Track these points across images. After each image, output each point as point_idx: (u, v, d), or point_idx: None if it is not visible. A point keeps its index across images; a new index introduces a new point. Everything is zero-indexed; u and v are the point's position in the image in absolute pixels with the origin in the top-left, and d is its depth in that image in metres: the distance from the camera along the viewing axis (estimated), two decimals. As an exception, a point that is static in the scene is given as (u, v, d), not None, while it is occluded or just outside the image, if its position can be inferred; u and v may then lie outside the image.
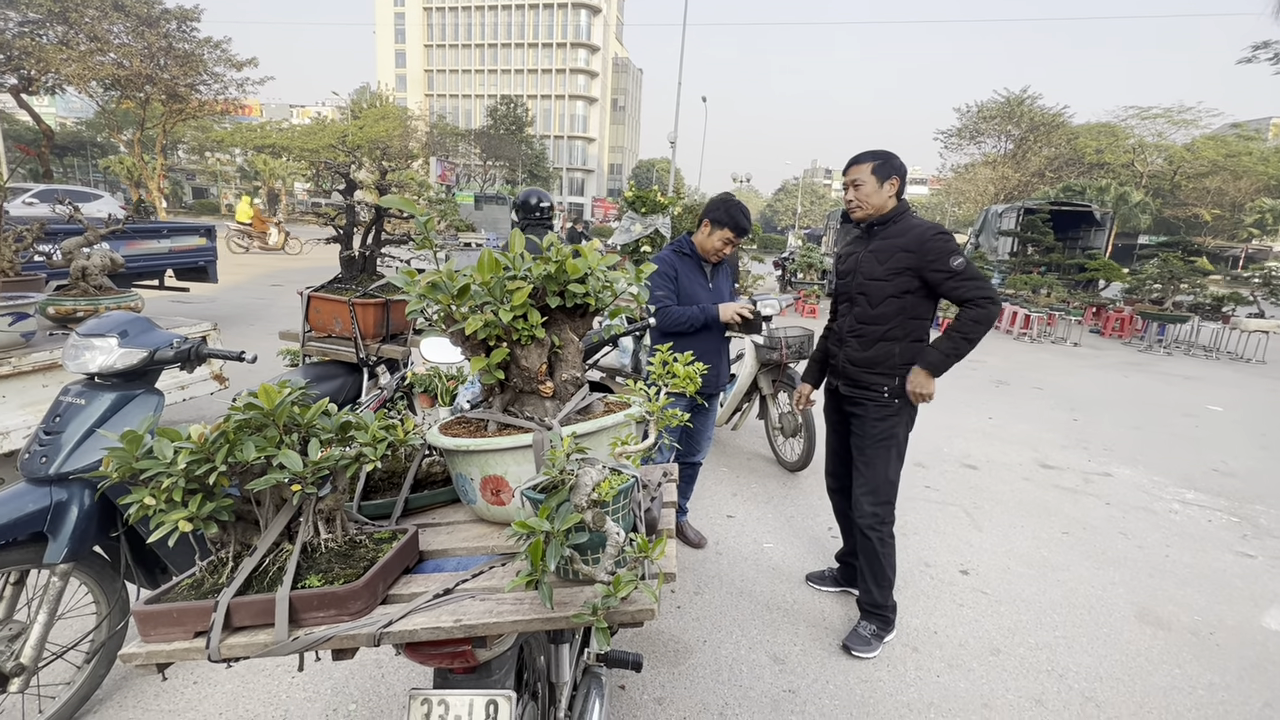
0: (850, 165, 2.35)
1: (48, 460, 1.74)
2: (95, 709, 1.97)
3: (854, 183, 2.32)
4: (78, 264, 3.41)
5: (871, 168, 2.29)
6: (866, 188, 2.30)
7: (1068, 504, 4.01)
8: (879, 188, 2.28)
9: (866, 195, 2.30)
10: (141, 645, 1.01)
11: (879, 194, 2.29)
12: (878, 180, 2.28)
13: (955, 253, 2.20)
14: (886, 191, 2.29)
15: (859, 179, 2.31)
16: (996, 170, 34.11)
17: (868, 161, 2.30)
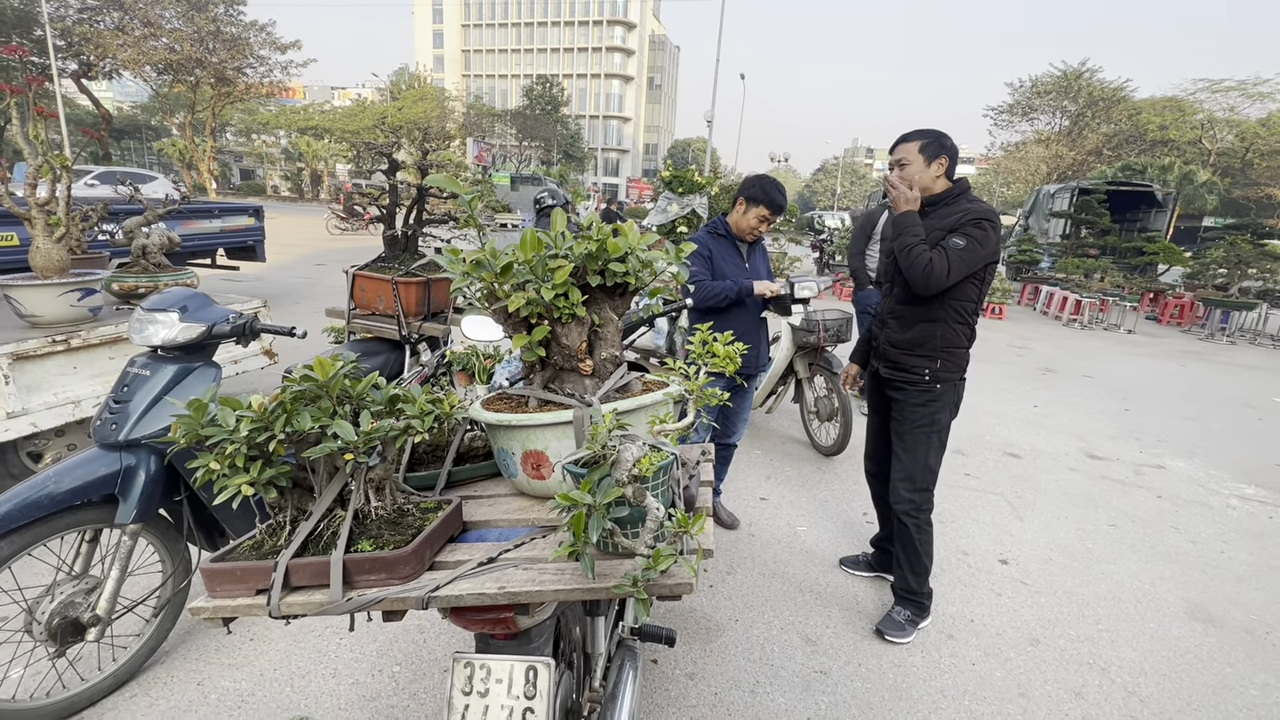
0: (897, 144, 2.28)
1: (117, 427, 1.85)
2: (162, 660, 2.11)
3: (900, 162, 2.24)
4: (138, 242, 3.57)
5: (919, 146, 2.21)
6: (913, 167, 2.22)
7: (1116, 496, 3.88)
8: (925, 167, 2.20)
9: (912, 175, 2.23)
10: (208, 600, 1.07)
11: (925, 174, 2.21)
12: (925, 159, 2.20)
13: (965, 235, 2.11)
14: (934, 171, 2.21)
15: (905, 158, 2.23)
16: (1050, 148, 32.54)
17: (915, 140, 2.22)
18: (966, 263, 2.10)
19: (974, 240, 2.10)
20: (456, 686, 1.23)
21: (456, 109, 40.91)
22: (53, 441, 2.94)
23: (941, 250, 2.10)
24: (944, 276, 2.08)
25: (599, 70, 62.65)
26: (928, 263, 2.08)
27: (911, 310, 2.28)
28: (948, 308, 2.21)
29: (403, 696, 2.01)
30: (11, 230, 4.95)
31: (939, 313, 2.23)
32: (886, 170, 2.33)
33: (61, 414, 2.76)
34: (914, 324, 2.27)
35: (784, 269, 10.66)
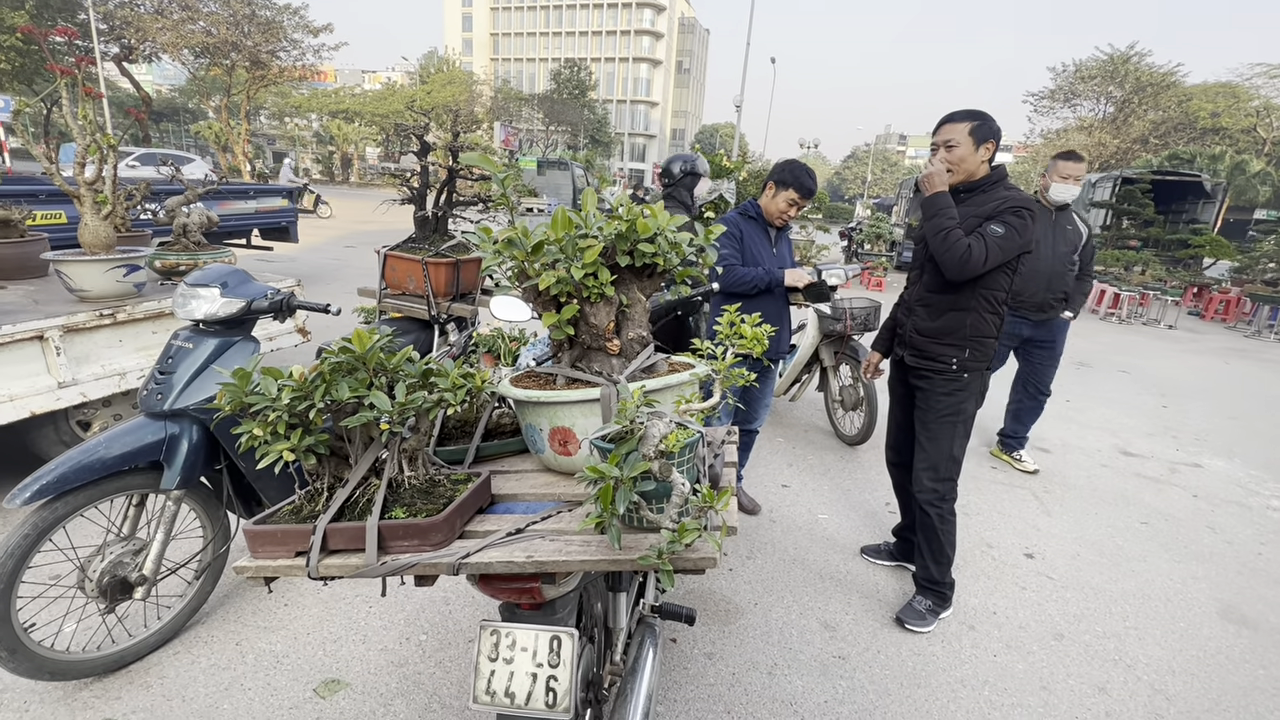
0: (943, 124, 2.18)
1: (162, 397, 1.93)
2: (202, 620, 2.21)
3: (947, 143, 2.16)
4: (179, 221, 3.68)
5: (969, 128, 2.12)
6: (961, 149, 2.13)
7: (1149, 494, 3.78)
8: (974, 150, 2.14)
9: (960, 158, 2.14)
10: (251, 560, 1.12)
11: (973, 157, 2.14)
12: (974, 142, 2.13)
13: (1004, 223, 2.05)
14: (981, 155, 2.15)
15: (953, 139, 2.14)
16: (1092, 136, 31.36)
17: (965, 121, 2.13)
18: (1004, 250, 2.06)
19: (1013, 229, 2.05)
20: (483, 653, 1.27)
21: (484, 93, 41.01)
22: (100, 411, 3.06)
23: (979, 236, 2.06)
24: (981, 263, 2.04)
25: (627, 54, 62.09)
26: (965, 249, 2.04)
27: (941, 298, 2.24)
28: (979, 296, 2.17)
29: (429, 664, 2.07)
30: (59, 209, 5.14)
31: (970, 301, 2.19)
32: (929, 154, 2.27)
33: (108, 385, 2.87)
34: (943, 312, 2.24)
35: (811, 257, 10.52)
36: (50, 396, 2.66)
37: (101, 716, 1.80)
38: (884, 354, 2.66)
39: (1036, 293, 3.58)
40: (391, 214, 15.58)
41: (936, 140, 2.22)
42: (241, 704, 1.87)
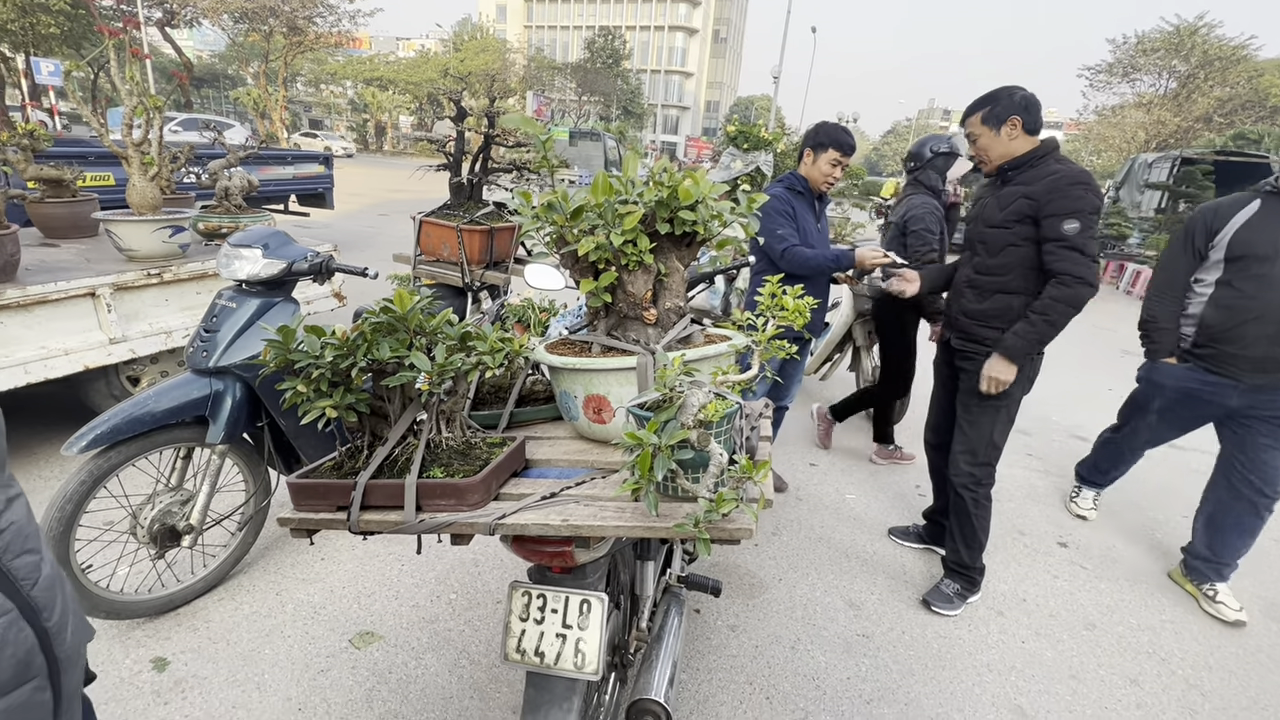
0: (964, 117, 2.20)
1: (208, 354, 1.98)
2: (245, 570, 2.30)
3: (970, 136, 2.18)
4: (221, 184, 3.75)
5: (981, 116, 2.12)
6: (983, 139, 2.14)
7: (1194, 487, 3.62)
8: (995, 136, 2.10)
9: (985, 147, 2.14)
10: (294, 513, 1.15)
11: (997, 143, 2.11)
12: (991, 129, 2.10)
13: (1078, 214, 1.93)
14: (1007, 134, 2.08)
15: (973, 132, 2.16)
16: (1151, 113, 29.69)
17: (977, 111, 2.14)
18: (1093, 237, 1.97)
19: (1077, 215, 1.94)
20: (514, 613, 1.30)
21: (517, 61, 40.60)
22: (148, 368, 3.18)
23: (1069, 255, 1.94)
24: (1093, 275, 1.97)
25: (663, 22, 60.62)
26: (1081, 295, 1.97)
27: (991, 280, 2.16)
28: (1031, 276, 2.09)
29: (458, 622, 2.13)
30: (108, 171, 5.28)
31: (1021, 284, 2.10)
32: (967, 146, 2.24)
33: (155, 342, 2.97)
34: (991, 294, 2.16)
35: (846, 234, 10.26)
36: (102, 351, 2.76)
37: (152, 654, 1.90)
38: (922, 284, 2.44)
39: (1258, 342, 2.26)
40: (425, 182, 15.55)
41: (966, 133, 2.22)
42: (282, 650, 1.96)
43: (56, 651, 0.64)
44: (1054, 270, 1.99)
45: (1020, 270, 2.09)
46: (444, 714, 1.78)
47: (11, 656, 0.58)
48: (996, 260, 2.13)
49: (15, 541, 0.62)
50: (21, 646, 0.59)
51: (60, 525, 1.75)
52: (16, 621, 0.59)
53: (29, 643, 0.60)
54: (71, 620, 0.68)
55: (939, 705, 1.95)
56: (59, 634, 0.64)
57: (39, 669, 0.61)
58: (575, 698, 1.28)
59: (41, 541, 0.67)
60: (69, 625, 0.67)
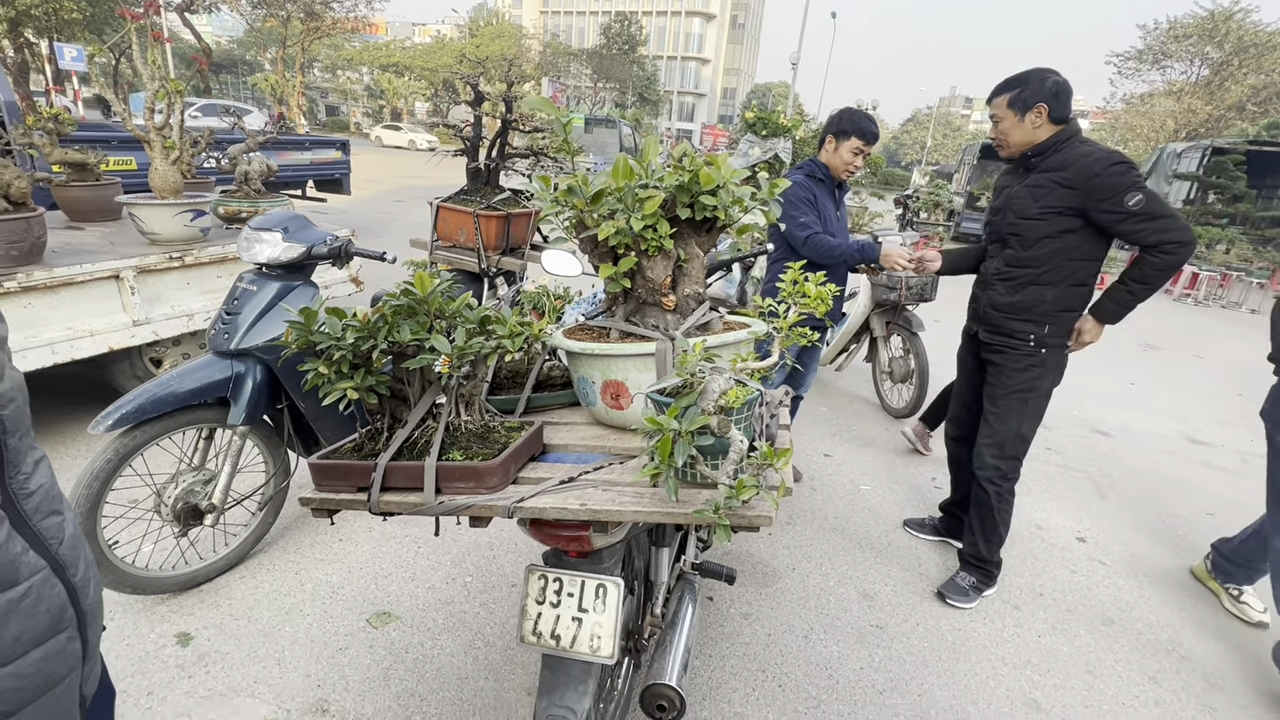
0: (990, 97, 2.14)
1: (229, 337, 2.00)
2: (265, 549, 2.34)
3: (995, 117, 2.12)
4: (241, 169, 3.77)
5: (1007, 100, 2.05)
6: (1005, 123, 2.08)
7: (1218, 484, 3.59)
8: (1018, 121, 2.05)
9: (1005, 132, 2.09)
10: (315, 493, 1.16)
11: (1019, 129, 2.05)
12: (1015, 114, 2.04)
13: (1132, 188, 1.90)
14: (1030, 123, 2.02)
15: (996, 114, 2.11)
16: (1181, 102, 28.85)
17: (1003, 93, 2.07)
18: (1160, 201, 1.93)
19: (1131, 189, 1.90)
20: (531, 596, 1.31)
21: (533, 47, 40.39)
22: (170, 350, 3.23)
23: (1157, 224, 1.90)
24: (1186, 230, 1.93)
25: (680, 7, 59.86)
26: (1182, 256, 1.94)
27: (1024, 273, 2.10)
28: (1067, 268, 2.04)
29: (473, 604, 2.15)
30: (130, 155, 5.34)
31: (1055, 275, 2.06)
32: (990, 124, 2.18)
33: (178, 325, 3.01)
34: (1024, 287, 2.11)
35: (864, 224, 10.14)
36: (126, 333, 2.81)
37: (176, 629, 1.95)
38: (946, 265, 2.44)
39: None
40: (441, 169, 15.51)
41: (990, 115, 2.17)
42: (301, 628, 1.99)
43: (82, 604, 0.69)
44: (1149, 243, 1.93)
45: (1056, 261, 2.05)
46: (459, 694, 1.80)
47: (47, 611, 0.63)
48: (1030, 253, 2.08)
49: (44, 503, 0.66)
50: (55, 601, 0.64)
51: (88, 502, 1.79)
52: (49, 578, 0.64)
53: (61, 597, 0.65)
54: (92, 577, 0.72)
55: (953, 697, 1.95)
56: (84, 589, 0.69)
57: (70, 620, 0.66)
58: (590, 680, 1.29)
59: (64, 502, 0.71)
60: (91, 581, 0.72)
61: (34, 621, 0.61)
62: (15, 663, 0.59)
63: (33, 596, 0.61)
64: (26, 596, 0.60)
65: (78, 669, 0.67)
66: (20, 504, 0.63)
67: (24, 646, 0.60)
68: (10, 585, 0.59)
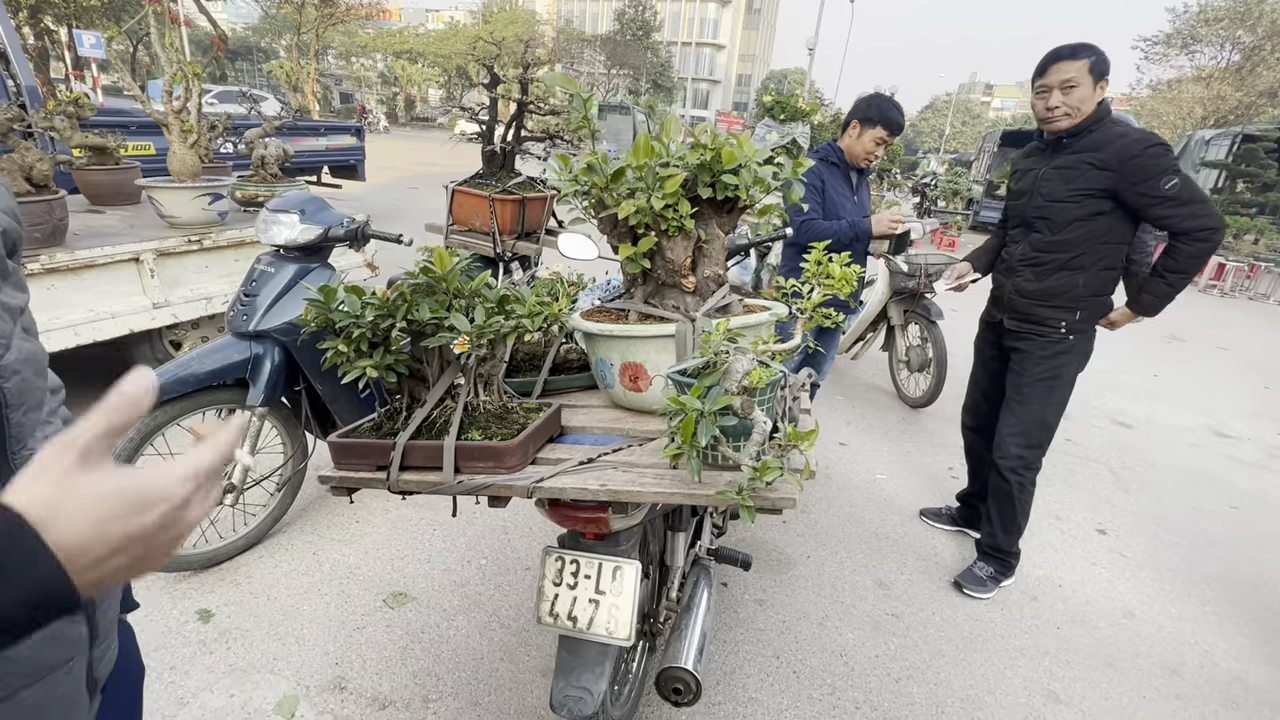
0: (1058, 61, 1.94)
1: (248, 318, 2.01)
2: (283, 530, 2.37)
3: (1067, 84, 1.92)
4: (258, 153, 3.79)
5: (1089, 64, 1.89)
6: (1082, 89, 1.90)
7: (1243, 478, 3.52)
8: (1093, 90, 1.91)
9: (1080, 100, 1.91)
10: (335, 471, 1.16)
11: (1092, 98, 1.92)
12: (1094, 80, 1.90)
13: (1168, 171, 1.84)
14: (1097, 95, 1.93)
15: (1074, 79, 1.90)
16: (1210, 88, 28.06)
17: (1085, 57, 1.90)
18: (1194, 184, 1.88)
19: (1168, 172, 1.85)
20: (548, 577, 1.31)
21: (546, 33, 40.12)
22: (189, 333, 3.26)
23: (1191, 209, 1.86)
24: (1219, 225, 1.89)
25: (695, -9, 59.08)
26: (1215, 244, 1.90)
27: (1054, 258, 2.04)
28: (1098, 252, 1.99)
29: (489, 586, 2.17)
30: (149, 140, 5.38)
31: (1085, 259, 2.00)
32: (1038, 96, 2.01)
33: (196, 308, 3.04)
34: (1054, 272, 2.05)
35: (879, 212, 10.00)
36: (146, 316, 2.83)
37: (198, 606, 1.97)
38: (979, 271, 2.39)
39: None
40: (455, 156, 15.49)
41: (1048, 82, 1.96)
42: (319, 607, 2.02)
43: None
44: (1181, 229, 1.88)
45: (1088, 245, 1.99)
46: (475, 674, 1.81)
47: None
48: (1060, 236, 2.02)
49: None
50: None
51: (111, 480, 1.81)
52: None
53: None
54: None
55: (970, 686, 1.93)
56: None
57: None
58: (607, 662, 1.29)
59: None
60: None
61: None
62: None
63: None
64: None
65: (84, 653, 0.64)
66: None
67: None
68: None
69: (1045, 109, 1.99)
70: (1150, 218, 1.92)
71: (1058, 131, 2.00)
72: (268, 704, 1.67)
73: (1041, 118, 2.02)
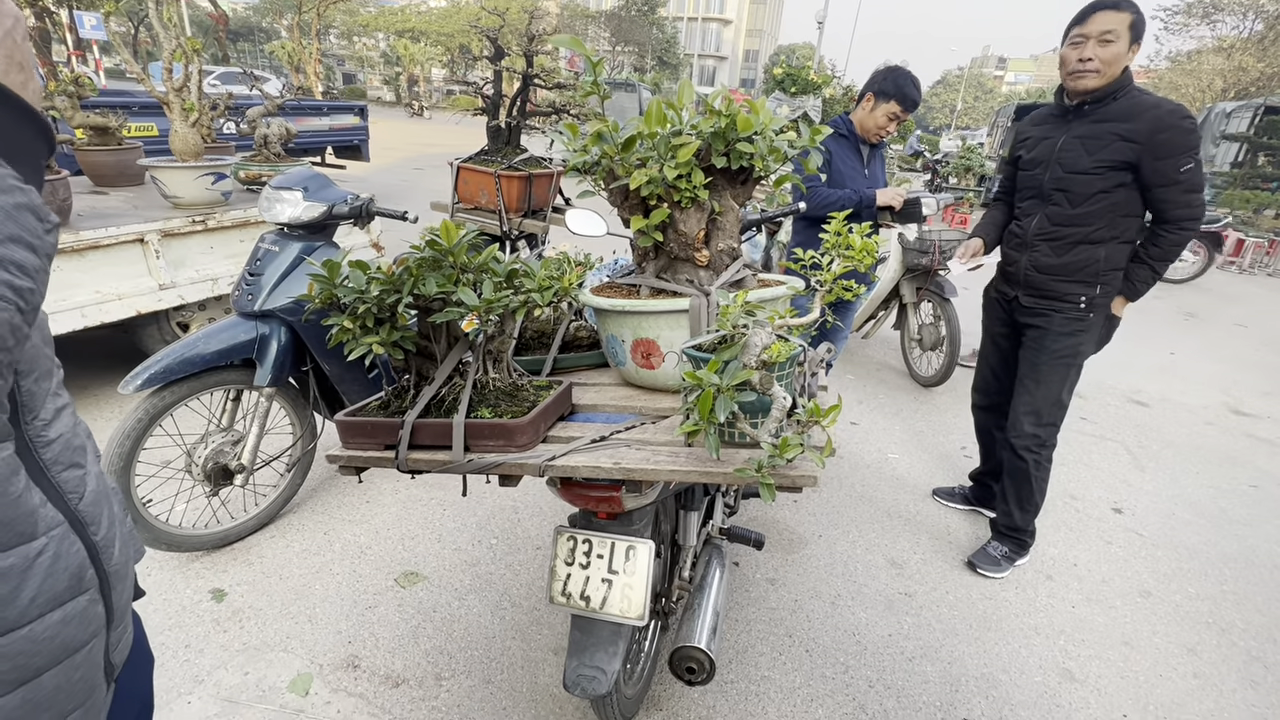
0: (1101, 10, 1.80)
1: (253, 298, 1.99)
2: (294, 510, 2.37)
3: (1105, 36, 1.78)
4: (260, 132, 3.74)
5: (1131, 21, 1.77)
6: (1118, 45, 1.78)
7: (1262, 456, 3.46)
8: (1127, 50, 1.80)
9: (1114, 57, 1.80)
10: (343, 450, 1.14)
11: (1123, 59, 1.82)
12: (1130, 39, 1.79)
13: (1190, 151, 1.79)
14: (1128, 58, 1.83)
15: (1114, 31, 1.77)
16: (1231, 59, 27.28)
17: (1127, 11, 1.77)
18: (1199, 182, 1.84)
19: (1190, 152, 1.80)
20: (560, 557, 1.29)
21: (550, 10, 39.44)
22: (196, 315, 3.24)
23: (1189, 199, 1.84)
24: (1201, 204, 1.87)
25: (701, -36, 57.80)
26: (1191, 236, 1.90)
27: (1074, 231, 1.97)
28: (1118, 225, 1.92)
29: (499, 566, 2.16)
30: (151, 121, 5.33)
31: (1106, 232, 1.93)
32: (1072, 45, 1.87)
33: (203, 289, 3.02)
34: (1072, 247, 1.99)
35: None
36: (153, 297, 2.82)
37: (211, 585, 1.98)
38: (988, 247, 2.31)
39: None
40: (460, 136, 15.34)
41: (1087, 31, 1.82)
42: (331, 586, 2.02)
43: (106, 566, 0.64)
44: (1173, 217, 1.86)
45: (1109, 219, 1.92)
46: (487, 653, 1.81)
47: (65, 569, 0.59)
48: (1081, 209, 1.95)
49: (64, 454, 0.61)
50: (74, 559, 0.60)
51: (120, 460, 1.81)
52: (68, 534, 0.60)
53: (80, 556, 0.61)
54: (119, 536, 0.67)
55: (984, 665, 1.91)
56: (107, 549, 0.64)
57: (91, 582, 0.61)
58: (620, 641, 1.28)
59: (90, 455, 0.66)
60: (116, 540, 0.67)
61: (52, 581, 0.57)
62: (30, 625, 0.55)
63: (50, 553, 0.57)
64: (43, 553, 0.56)
65: (101, 634, 0.63)
66: (38, 452, 0.58)
67: (41, 608, 0.56)
68: (27, 539, 0.54)
69: (1078, 60, 1.85)
70: (1152, 196, 1.85)
71: (1083, 90, 1.88)
72: (282, 681, 1.68)
73: (1071, 70, 1.88)
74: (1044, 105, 2.24)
